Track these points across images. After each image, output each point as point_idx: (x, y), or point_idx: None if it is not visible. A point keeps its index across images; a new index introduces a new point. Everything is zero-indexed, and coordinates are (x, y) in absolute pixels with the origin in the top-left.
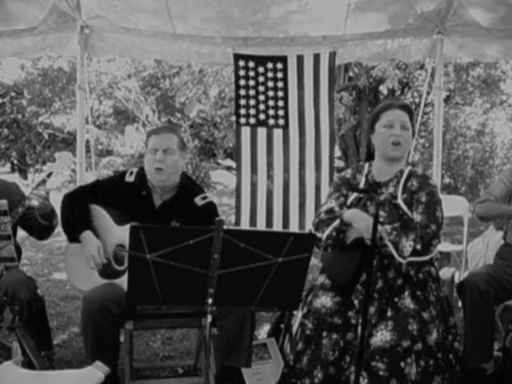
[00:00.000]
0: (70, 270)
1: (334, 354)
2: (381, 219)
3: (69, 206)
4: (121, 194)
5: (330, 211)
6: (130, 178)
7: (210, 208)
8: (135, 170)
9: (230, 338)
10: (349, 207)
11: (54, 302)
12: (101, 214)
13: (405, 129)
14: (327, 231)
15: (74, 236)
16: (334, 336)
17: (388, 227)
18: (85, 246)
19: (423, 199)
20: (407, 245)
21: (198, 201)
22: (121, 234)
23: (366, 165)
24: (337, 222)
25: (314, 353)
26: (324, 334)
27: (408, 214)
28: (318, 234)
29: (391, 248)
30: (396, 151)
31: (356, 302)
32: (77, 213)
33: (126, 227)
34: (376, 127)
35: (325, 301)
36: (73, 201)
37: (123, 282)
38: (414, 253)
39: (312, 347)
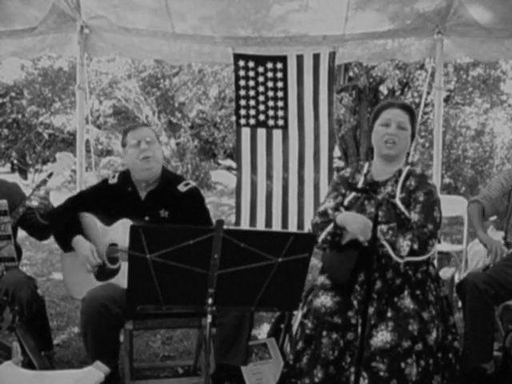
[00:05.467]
0: (68, 282)
1: (333, 354)
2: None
3: (58, 216)
4: (106, 196)
5: (324, 214)
6: (113, 181)
7: (194, 193)
8: (117, 173)
9: (228, 336)
10: (347, 207)
11: (54, 302)
12: (90, 220)
13: (401, 128)
14: (322, 235)
15: (66, 243)
16: (334, 336)
17: (384, 227)
18: (78, 250)
19: (421, 198)
20: (404, 244)
21: (181, 187)
22: (110, 232)
23: (366, 164)
24: (331, 227)
25: (313, 352)
26: (324, 333)
27: (405, 213)
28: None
29: (388, 248)
30: (390, 149)
31: (355, 303)
32: (66, 221)
33: (116, 225)
34: (375, 125)
35: (325, 300)
36: (62, 212)
37: (118, 280)
38: (412, 252)
39: (312, 347)
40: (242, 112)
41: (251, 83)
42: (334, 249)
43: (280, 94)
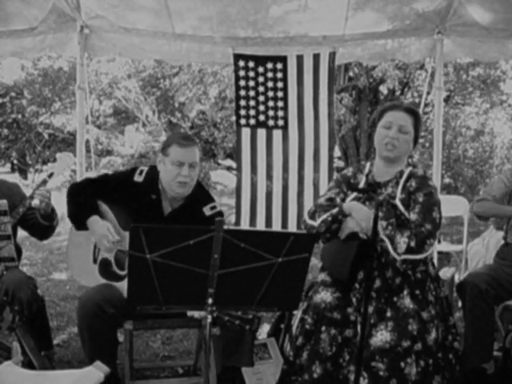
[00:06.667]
0: (71, 262)
1: (331, 350)
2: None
3: (76, 194)
4: (128, 193)
5: (330, 199)
6: (139, 178)
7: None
8: (145, 169)
9: (232, 338)
10: None
11: (54, 302)
12: (108, 214)
13: (402, 132)
14: (323, 216)
15: (81, 221)
16: (333, 331)
17: (384, 222)
18: (94, 228)
19: (420, 199)
20: (402, 241)
21: (207, 211)
22: (124, 239)
23: (368, 164)
24: (336, 210)
25: (313, 348)
26: (323, 328)
27: (405, 214)
28: (311, 222)
29: (387, 243)
30: (389, 152)
31: (354, 300)
32: (84, 200)
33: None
34: (377, 126)
35: (325, 296)
36: (80, 190)
37: (122, 286)
38: (409, 250)
39: (311, 342)
40: (242, 112)
41: (251, 83)
42: (328, 237)
43: (280, 94)
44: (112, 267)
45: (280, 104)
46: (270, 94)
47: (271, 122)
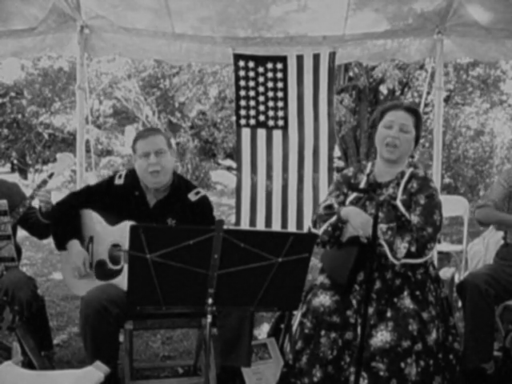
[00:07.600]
0: (68, 277)
1: (332, 353)
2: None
3: (59, 214)
4: (112, 197)
5: (329, 207)
6: (119, 181)
7: (204, 202)
8: (124, 172)
9: (230, 338)
10: None
11: (54, 302)
12: (93, 217)
13: (403, 131)
14: (324, 226)
15: (61, 244)
16: (333, 335)
17: (384, 226)
18: (70, 255)
19: (422, 201)
20: (402, 246)
21: (192, 196)
22: (115, 233)
23: (369, 164)
24: (334, 218)
25: (312, 352)
26: (322, 332)
27: (406, 215)
28: (315, 230)
29: (386, 248)
30: (390, 154)
31: (354, 302)
32: (66, 221)
33: (120, 226)
34: (378, 126)
35: (323, 300)
36: (63, 209)
37: (120, 281)
38: (409, 255)
39: (311, 346)
40: (242, 112)
41: (251, 84)
42: (332, 242)
43: (280, 94)
44: (108, 265)
45: (280, 104)
46: (270, 94)
47: (271, 122)
